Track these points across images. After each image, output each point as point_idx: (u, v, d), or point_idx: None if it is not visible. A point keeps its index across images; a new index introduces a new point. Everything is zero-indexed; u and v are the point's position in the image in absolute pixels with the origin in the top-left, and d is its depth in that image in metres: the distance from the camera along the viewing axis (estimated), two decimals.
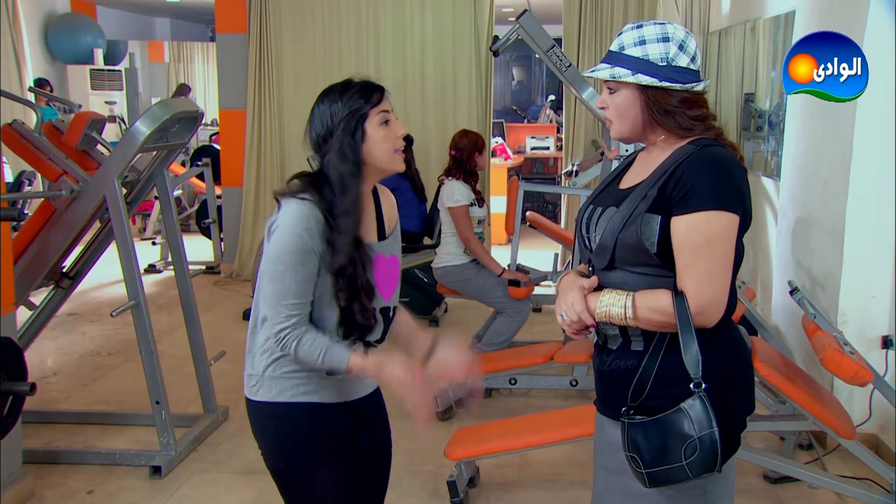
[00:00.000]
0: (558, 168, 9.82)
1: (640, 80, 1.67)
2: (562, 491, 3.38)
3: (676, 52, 1.67)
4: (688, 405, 1.60)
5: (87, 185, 3.44)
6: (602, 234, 1.72)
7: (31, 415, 3.74)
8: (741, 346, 1.79)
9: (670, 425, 1.60)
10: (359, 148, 1.82)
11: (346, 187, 1.80)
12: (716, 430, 1.58)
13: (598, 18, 6.70)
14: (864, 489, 3.13)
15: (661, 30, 1.68)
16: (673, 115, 1.68)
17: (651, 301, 1.63)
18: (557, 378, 4.24)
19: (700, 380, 1.60)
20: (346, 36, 6.85)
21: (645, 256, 1.66)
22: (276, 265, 1.77)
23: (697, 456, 1.58)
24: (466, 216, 4.41)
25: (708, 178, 1.61)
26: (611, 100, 1.73)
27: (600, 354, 1.82)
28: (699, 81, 1.70)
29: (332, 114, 1.82)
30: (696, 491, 1.72)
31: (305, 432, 1.88)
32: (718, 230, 1.60)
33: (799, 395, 3.00)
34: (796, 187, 4.27)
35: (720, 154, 1.66)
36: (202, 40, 12.85)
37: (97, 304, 6.35)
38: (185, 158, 8.65)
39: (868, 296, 3.62)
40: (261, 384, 1.88)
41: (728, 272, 1.63)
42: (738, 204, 1.62)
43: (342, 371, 1.79)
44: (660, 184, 1.65)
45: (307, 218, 1.77)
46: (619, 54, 1.70)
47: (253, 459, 3.61)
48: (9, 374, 2.71)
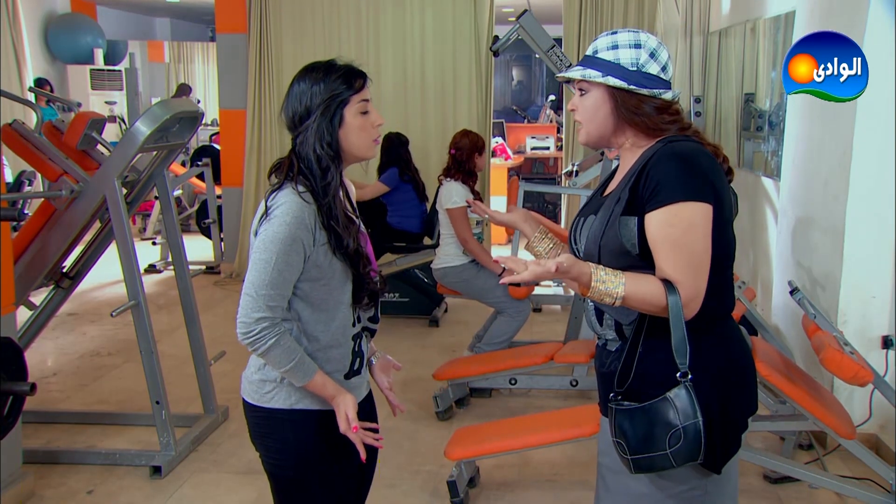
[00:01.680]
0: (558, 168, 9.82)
1: (609, 82, 1.70)
2: (562, 491, 3.38)
3: (647, 59, 1.70)
4: (673, 394, 1.61)
5: (87, 185, 3.44)
6: (586, 243, 1.75)
7: (31, 415, 3.75)
8: (742, 346, 1.79)
9: (656, 413, 1.61)
10: (336, 133, 1.81)
11: (325, 170, 1.81)
12: (700, 420, 1.59)
13: (598, 18, 6.70)
14: (864, 489, 3.13)
15: (634, 37, 1.72)
16: (642, 117, 1.70)
17: (642, 283, 1.62)
18: (557, 378, 4.24)
19: (686, 369, 1.61)
20: (346, 36, 6.85)
21: (629, 259, 1.67)
22: (262, 253, 1.76)
23: (681, 445, 1.59)
24: (465, 217, 4.40)
25: (674, 171, 1.63)
26: (581, 102, 1.76)
27: (601, 356, 1.84)
28: (668, 90, 1.72)
29: (313, 94, 1.80)
30: (696, 492, 1.72)
31: (320, 440, 1.88)
32: (691, 221, 1.61)
33: (799, 395, 3.00)
34: (796, 187, 4.27)
35: (685, 147, 1.68)
36: (202, 40, 12.85)
37: (97, 304, 6.35)
38: (185, 158, 8.65)
39: (868, 296, 3.62)
40: (277, 391, 1.86)
41: (706, 264, 1.63)
42: (708, 193, 1.63)
43: (301, 383, 1.81)
44: (631, 184, 1.67)
45: (301, 209, 1.77)
46: (593, 58, 1.74)
47: (253, 459, 3.60)
48: (9, 374, 2.71)
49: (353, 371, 1.92)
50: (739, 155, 5.68)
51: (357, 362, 1.93)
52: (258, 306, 1.75)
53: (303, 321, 1.84)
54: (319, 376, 1.82)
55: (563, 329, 5.06)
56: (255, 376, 1.89)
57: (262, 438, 1.91)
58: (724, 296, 1.74)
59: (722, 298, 1.73)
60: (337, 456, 1.90)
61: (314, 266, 1.80)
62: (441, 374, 4.10)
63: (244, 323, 1.76)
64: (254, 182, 7.03)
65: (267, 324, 1.75)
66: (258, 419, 1.89)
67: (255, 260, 1.77)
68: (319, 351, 1.85)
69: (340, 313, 1.87)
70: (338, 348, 1.88)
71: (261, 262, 1.75)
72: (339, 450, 1.89)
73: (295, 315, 1.84)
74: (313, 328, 1.85)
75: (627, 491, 1.77)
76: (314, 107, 1.80)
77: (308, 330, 1.84)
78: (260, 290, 1.75)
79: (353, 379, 1.92)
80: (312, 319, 1.84)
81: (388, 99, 6.81)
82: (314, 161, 1.80)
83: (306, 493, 1.91)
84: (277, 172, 1.84)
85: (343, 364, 1.89)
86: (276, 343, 1.76)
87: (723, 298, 1.73)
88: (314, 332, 1.85)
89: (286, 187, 1.80)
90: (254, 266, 1.77)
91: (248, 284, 1.77)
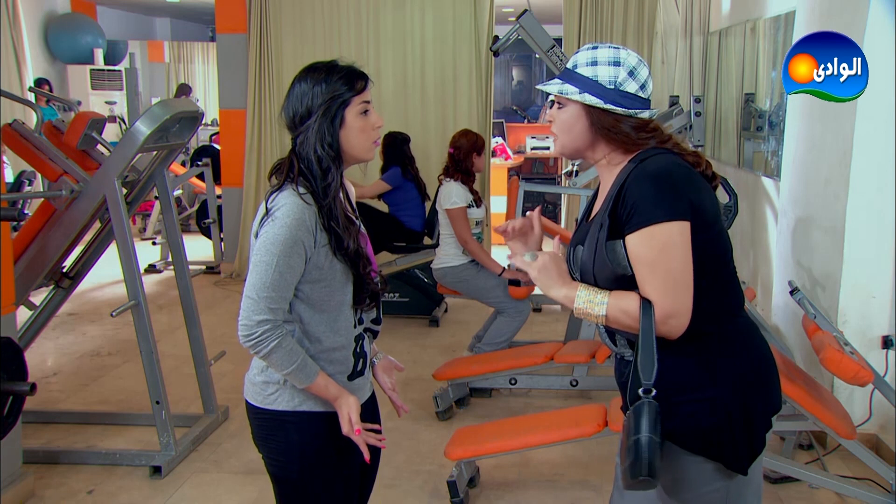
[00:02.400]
0: (558, 168, 9.83)
1: (585, 100, 1.70)
2: (562, 491, 3.38)
3: (625, 78, 1.70)
4: (631, 409, 1.61)
5: (88, 185, 3.44)
6: (581, 273, 1.76)
7: (31, 415, 3.75)
8: (759, 344, 1.77)
9: (626, 427, 1.62)
10: (336, 133, 1.81)
11: (326, 171, 1.80)
12: (648, 436, 1.55)
13: (598, 18, 6.70)
14: (864, 489, 3.13)
15: (613, 54, 1.71)
16: (618, 134, 1.70)
17: (622, 303, 1.64)
18: (557, 378, 4.24)
19: (650, 385, 1.59)
20: (346, 36, 6.85)
21: (627, 280, 1.67)
22: (263, 255, 1.75)
23: (631, 459, 1.56)
24: (464, 218, 4.40)
25: (647, 193, 1.62)
26: (558, 115, 1.76)
27: (619, 367, 1.85)
28: (645, 110, 1.71)
29: (314, 95, 1.80)
30: (718, 494, 1.71)
31: (323, 442, 1.87)
32: (668, 241, 1.60)
33: (799, 395, 3.00)
34: (796, 187, 4.27)
35: (656, 164, 1.67)
36: (202, 40, 12.85)
37: (97, 304, 6.35)
38: (186, 158, 8.65)
39: (868, 296, 3.62)
40: (280, 393, 1.85)
41: (687, 281, 1.62)
42: (683, 210, 1.62)
43: (304, 385, 1.81)
44: (610, 209, 1.68)
45: (302, 211, 1.76)
46: (572, 72, 1.73)
47: (253, 459, 3.61)
48: (9, 374, 2.71)
49: (356, 372, 1.92)
50: (739, 155, 5.68)
51: (360, 363, 1.93)
52: (260, 309, 1.74)
53: (304, 323, 1.84)
54: (322, 378, 1.82)
55: (563, 329, 5.06)
56: (257, 378, 1.89)
57: (265, 441, 1.90)
58: (728, 294, 1.73)
59: (725, 297, 1.72)
60: (340, 458, 1.90)
61: (315, 267, 1.80)
62: (441, 374, 4.10)
63: (246, 325, 1.75)
64: (254, 182, 7.03)
65: (269, 326, 1.75)
66: (261, 421, 1.89)
67: (255, 262, 1.76)
68: (321, 353, 1.85)
69: (342, 315, 1.87)
70: (340, 350, 1.88)
71: (262, 265, 1.75)
72: (342, 452, 1.89)
73: (296, 317, 1.84)
74: (315, 329, 1.84)
75: (645, 496, 1.77)
76: (315, 107, 1.79)
77: (310, 331, 1.84)
78: (261, 293, 1.74)
79: (357, 380, 1.92)
80: (314, 321, 1.84)
81: (388, 99, 6.81)
82: (315, 162, 1.80)
83: (309, 495, 1.90)
84: (278, 174, 1.84)
85: (346, 365, 1.89)
86: (279, 345, 1.76)
87: (726, 297, 1.72)
88: (316, 334, 1.85)
89: (286, 188, 1.80)
90: (255, 268, 1.76)
91: (250, 287, 1.76)
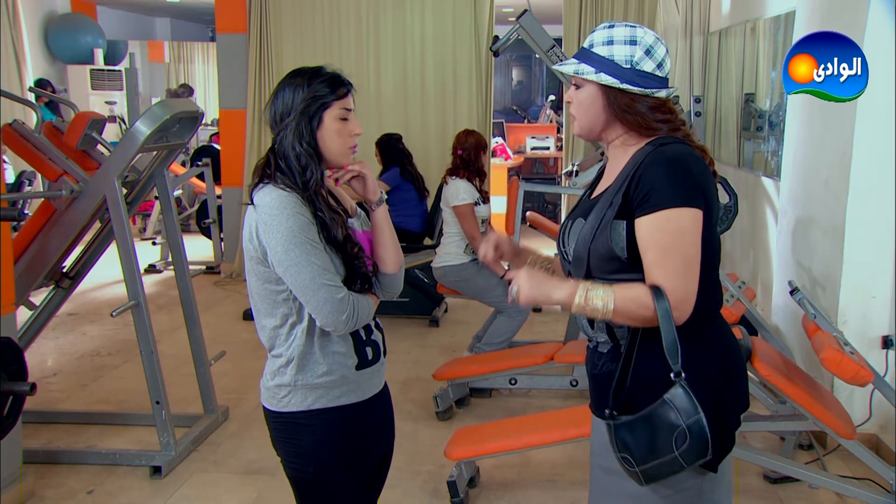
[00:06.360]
0: (558, 168, 9.82)
1: (602, 80, 1.69)
2: (562, 491, 3.38)
3: (642, 57, 1.69)
4: (670, 395, 1.60)
5: (88, 185, 3.44)
6: (575, 246, 1.74)
7: (31, 415, 3.75)
8: (730, 344, 1.79)
9: (657, 418, 1.60)
10: (314, 133, 1.83)
11: (305, 167, 1.82)
12: (702, 415, 1.57)
13: (598, 18, 6.70)
14: (864, 489, 3.13)
15: (630, 32, 1.70)
16: (634, 115, 1.70)
17: (631, 293, 1.62)
18: (557, 378, 4.24)
19: (680, 369, 1.60)
20: (346, 36, 6.86)
21: (618, 263, 1.67)
22: (287, 254, 1.76)
23: (688, 444, 1.58)
24: (472, 214, 4.42)
25: (666, 177, 1.62)
26: (576, 95, 1.76)
27: (592, 358, 1.84)
28: (663, 88, 1.71)
29: (296, 95, 1.83)
30: (692, 492, 1.72)
31: (339, 438, 1.88)
32: (682, 226, 1.60)
33: (799, 395, 3.00)
34: (796, 187, 4.27)
35: (675, 151, 1.67)
36: (202, 40, 12.85)
37: (97, 304, 6.35)
38: (186, 158, 8.66)
39: (868, 296, 3.62)
40: (292, 394, 1.86)
41: (696, 268, 1.62)
42: (699, 198, 1.62)
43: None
44: (623, 189, 1.66)
45: (290, 198, 1.78)
46: (588, 51, 1.72)
47: (253, 459, 3.61)
48: (9, 374, 2.71)
49: (365, 362, 1.91)
50: (739, 155, 5.68)
51: (370, 353, 1.92)
52: (329, 294, 1.77)
53: (302, 319, 1.84)
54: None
55: (563, 329, 5.06)
56: (270, 383, 1.89)
57: (282, 444, 1.91)
58: (710, 296, 1.74)
59: (712, 297, 1.74)
60: (355, 457, 1.90)
61: None
62: (441, 374, 4.10)
63: (336, 316, 1.78)
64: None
65: (343, 294, 1.79)
66: (277, 425, 1.90)
67: (287, 265, 1.77)
68: (322, 346, 1.86)
69: None
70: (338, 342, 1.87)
71: (295, 264, 1.76)
72: (358, 451, 1.90)
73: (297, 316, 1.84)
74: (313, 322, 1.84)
75: (623, 492, 1.76)
76: (295, 106, 1.83)
77: (309, 327, 1.85)
78: (318, 282, 1.76)
79: (366, 370, 1.91)
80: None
81: (388, 99, 6.81)
82: (293, 158, 1.82)
83: (327, 496, 1.91)
84: (257, 171, 1.87)
85: (348, 356, 1.89)
86: (356, 306, 1.81)
87: (708, 299, 1.73)
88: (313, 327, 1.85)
89: (268, 185, 1.82)
90: (291, 270, 1.77)
91: (305, 289, 1.77)
